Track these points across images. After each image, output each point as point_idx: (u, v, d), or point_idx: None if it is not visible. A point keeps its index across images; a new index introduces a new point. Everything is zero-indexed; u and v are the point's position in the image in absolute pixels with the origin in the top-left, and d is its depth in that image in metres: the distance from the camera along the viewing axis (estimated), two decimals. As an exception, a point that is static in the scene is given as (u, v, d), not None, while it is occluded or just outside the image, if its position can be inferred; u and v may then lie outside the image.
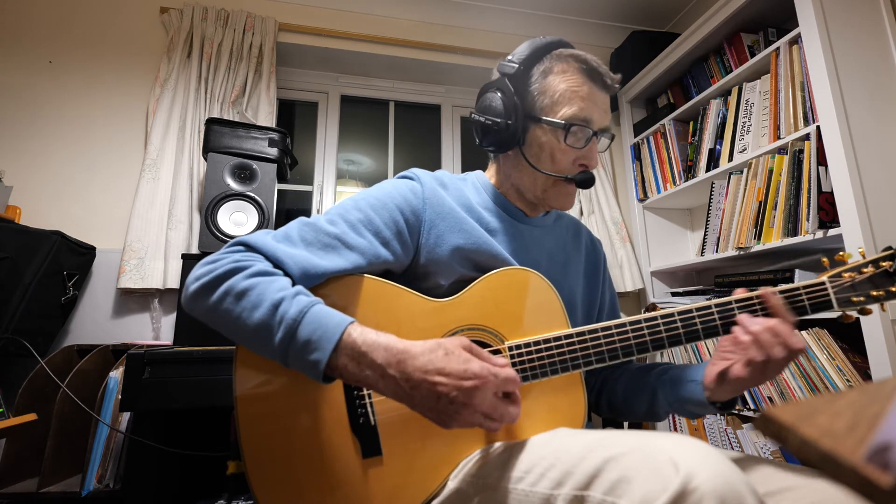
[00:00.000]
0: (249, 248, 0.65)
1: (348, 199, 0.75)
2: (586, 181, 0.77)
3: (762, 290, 0.68)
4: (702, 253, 1.82)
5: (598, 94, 0.77)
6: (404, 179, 0.79)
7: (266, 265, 0.62)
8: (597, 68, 0.77)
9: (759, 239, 1.54)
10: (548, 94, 0.76)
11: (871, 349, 1.21)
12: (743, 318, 0.67)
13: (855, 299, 0.68)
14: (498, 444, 0.65)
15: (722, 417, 1.66)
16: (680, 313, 0.69)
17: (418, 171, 0.80)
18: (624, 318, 0.70)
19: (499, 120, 0.77)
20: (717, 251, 1.74)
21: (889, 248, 0.70)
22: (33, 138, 1.71)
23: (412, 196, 0.75)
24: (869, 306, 0.68)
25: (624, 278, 2.10)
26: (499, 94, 0.78)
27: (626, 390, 0.83)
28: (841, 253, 0.72)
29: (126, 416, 1.27)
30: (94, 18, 1.86)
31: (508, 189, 0.84)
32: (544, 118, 0.76)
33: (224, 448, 1.32)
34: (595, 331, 0.69)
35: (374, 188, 0.76)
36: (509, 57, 0.79)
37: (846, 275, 0.69)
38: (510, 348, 0.69)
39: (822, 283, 0.69)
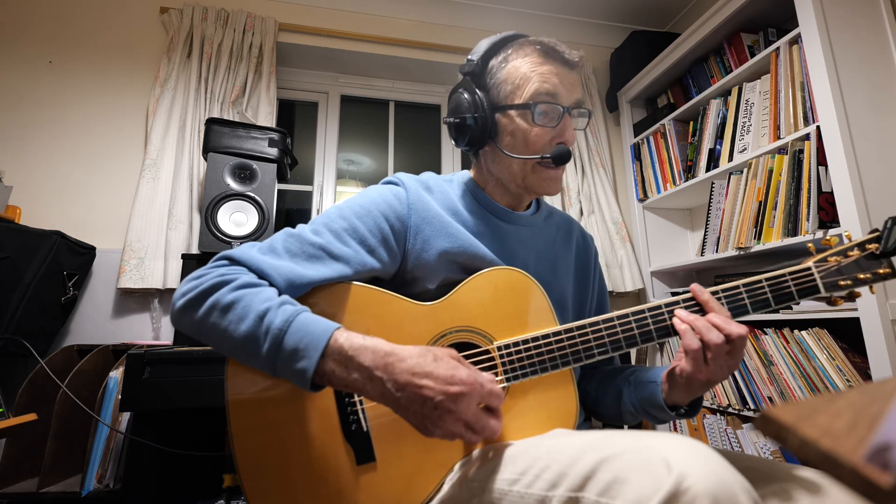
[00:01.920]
0: (234, 261, 0.65)
1: (333, 207, 0.74)
2: (561, 155, 0.75)
3: (692, 287, 0.68)
4: (702, 253, 1.82)
5: (561, 70, 0.76)
6: (389, 185, 0.79)
7: (251, 277, 0.62)
8: (554, 46, 0.76)
9: (759, 239, 1.54)
10: (509, 81, 0.76)
11: (871, 349, 1.21)
12: (679, 311, 0.67)
13: (842, 283, 0.67)
14: (492, 447, 0.65)
15: (722, 417, 1.66)
16: (667, 305, 0.68)
17: (403, 175, 0.80)
18: (611, 313, 0.69)
19: (466, 116, 0.77)
20: (717, 251, 1.74)
21: (875, 230, 0.68)
22: (33, 138, 1.71)
23: (397, 202, 0.75)
24: (857, 290, 0.67)
25: (624, 278, 2.10)
26: (464, 94, 0.78)
27: (597, 391, 0.83)
28: (828, 237, 0.71)
29: (126, 415, 1.27)
30: (94, 18, 1.86)
31: (493, 187, 0.83)
32: (510, 104, 0.75)
33: (223, 448, 1.32)
34: (583, 327, 0.69)
35: (359, 195, 0.76)
36: (469, 56, 0.79)
37: (832, 259, 0.68)
38: (499, 348, 0.69)
39: (808, 269, 0.68)
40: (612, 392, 0.80)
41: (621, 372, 0.82)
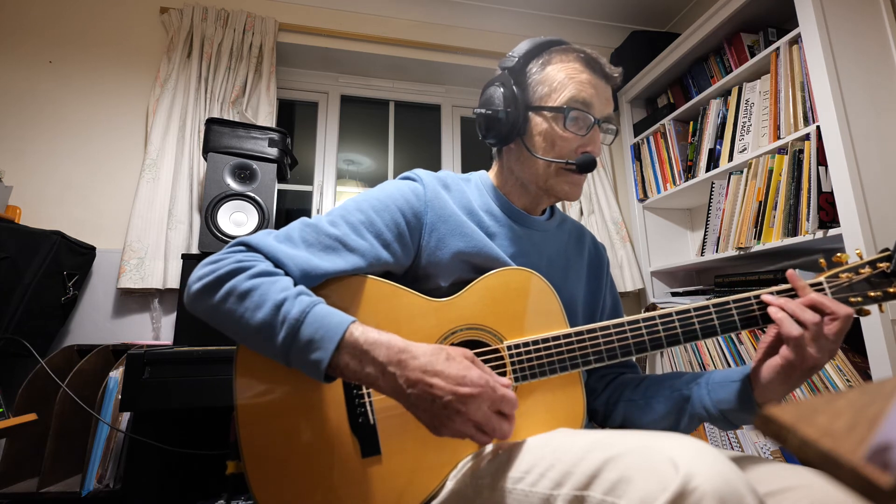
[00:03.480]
0: (251, 248, 0.65)
1: (350, 199, 0.75)
2: (587, 163, 0.76)
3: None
4: (702, 253, 1.82)
5: (598, 82, 0.77)
6: (407, 181, 0.79)
7: (268, 265, 0.63)
8: (596, 58, 0.78)
9: (759, 239, 1.54)
10: (546, 83, 0.77)
11: (871, 349, 1.21)
12: (768, 296, 0.66)
13: (852, 300, 0.67)
14: (498, 445, 0.65)
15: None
16: (678, 313, 0.68)
17: (421, 171, 0.80)
18: (622, 318, 0.70)
19: (499, 110, 0.77)
20: (717, 251, 1.74)
21: (886, 249, 0.69)
22: (33, 138, 1.71)
23: (414, 198, 0.75)
24: (867, 307, 0.68)
25: (624, 278, 2.10)
26: (500, 88, 0.78)
27: (649, 397, 0.78)
28: (838, 254, 0.72)
29: (126, 416, 1.27)
30: (94, 19, 1.86)
31: (512, 187, 0.83)
32: (544, 105, 0.76)
33: (224, 448, 1.32)
34: (593, 330, 0.69)
35: (377, 189, 0.76)
36: (510, 53, 0.80)
37: (843, 275, 0.69)
38: (508, 348, 0.69)
39: (820, 284, 0.69)
40: (673, 398, 0.75)
41: (678, 377, 0.77)
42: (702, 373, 0.76)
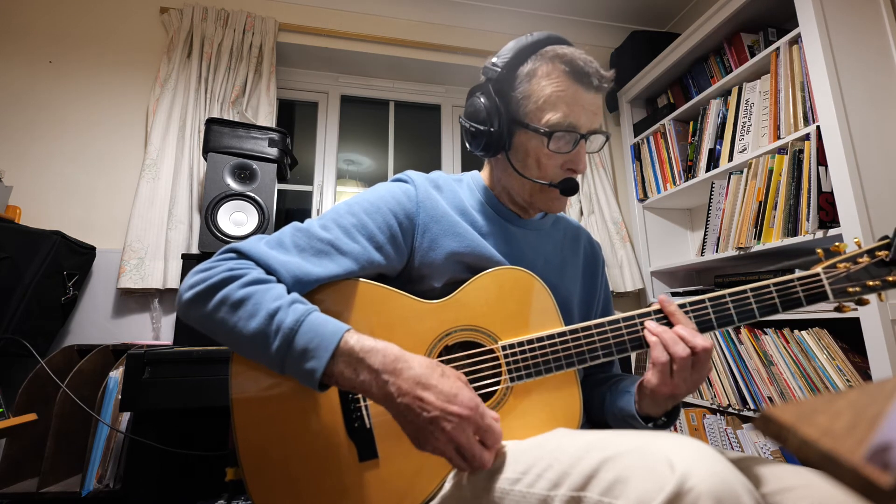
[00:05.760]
0: (242, 255, 0.64)
1: (342, 203, 0.74)
2: (570, 189, 0.76)
3: (660, 298, 0.69)
4: (702, 253, 1.82)
5: (586, 97, 0.73)
6: (398, 182, 0.79)
7: (260, 273, 0.62)
8: (583, 68, 0.72)
9: (759, 239, 1.54)
10: (532, 99, 0.73)
11: (871, 349, 1.21)
12: (649, 323, 0.67)
13: (851, 290, 0.67)
14: None
15: (722, 417, 1.66)
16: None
17: (413, 173, 0.80)
18: (617, 315, 0.69)
19: (482, 127, 0.75)
20: (717, 251, 1.74)
21: (885, 237, 0.69)
22: (33, 138, 1.71)
23: (406, 199, 0.75)
24: (866, 296, 0.67)
25: (624, 278, 2.10)
26: (482, 100, 0.76)
27: (588, 398, 0.82)
28: (836, 244, 0.71)
29: (126, 415, 1.27)
30: (94, 18, 1.86)
31: (500, 191, 0.83)
32: (529, 124, 0.73)
33: (224, 448, 1.32)
34: (588, 328, 0.69)
35: (368, 192, 0.76)
36: (493, 59, 0.76)
37: (841, 265, 0.68)
38: (503, 348, 0.69)
39: (817, 274, 0.68)
40: (598, 399, 0.80)
41: (609, 380, 0.82)
42: (622, 377, 0.80)
